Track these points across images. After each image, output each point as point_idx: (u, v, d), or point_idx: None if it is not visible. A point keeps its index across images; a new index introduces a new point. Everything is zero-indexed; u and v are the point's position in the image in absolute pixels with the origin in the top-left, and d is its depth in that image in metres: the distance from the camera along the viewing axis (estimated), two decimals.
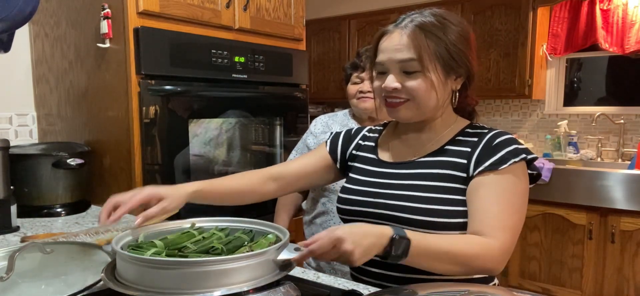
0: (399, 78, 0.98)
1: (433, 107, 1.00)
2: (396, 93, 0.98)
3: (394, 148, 1.11)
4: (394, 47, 0.98)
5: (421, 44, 0.95)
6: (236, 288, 0.76)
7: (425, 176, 1.00)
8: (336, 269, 1.58)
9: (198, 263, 0.76)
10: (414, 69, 0.96)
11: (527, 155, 0.96)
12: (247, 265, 0.77)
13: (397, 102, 0.99)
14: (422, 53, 0.95)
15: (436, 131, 1.05)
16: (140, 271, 0.77)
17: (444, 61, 0.96)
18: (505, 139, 0.98)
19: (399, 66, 0.97)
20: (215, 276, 0.75)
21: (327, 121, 1.73)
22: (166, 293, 0.74)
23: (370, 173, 1.10)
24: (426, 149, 1.04)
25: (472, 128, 1.05)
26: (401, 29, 0.98)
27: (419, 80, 0.96)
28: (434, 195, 0.97)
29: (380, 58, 1.01)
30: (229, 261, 0.76)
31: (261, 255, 0.79)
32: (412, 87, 0.97)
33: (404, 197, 0.99)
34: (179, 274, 0.75)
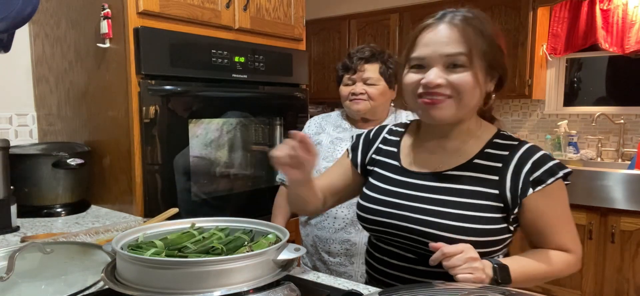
0: (443, 72, 0.92)
1: (473, 106, 0.96)
2: (437, 89, 0.92)
3: (417, 156, 1.06)
4: (440, 40, 0.92)
5: (471, 38, 0.91)
6: (236, 288, 0.76)
7: (455, 191, 0.96)
8: (332, 269, 1.58)
9: (198, 263, 0.76)
10: (461, 64, 0.91)
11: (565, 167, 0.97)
12: (247, 264, 0.77)
13: (438, 100, 0.93)
14: (472, 48, 0.91)
15: (462, 139, 1.01)
16: (140, 271, 0.77)
17: (487, 60, 0.93)
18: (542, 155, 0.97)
19: (445, 60, 0.92)
20: (215, 276, 0.75)
21: (320, 122, 1.73)
22: (166, 293, 0.74)
23: (393, 181, 1.05)
24: (454, 161, 1.00)
25: (500, 139, 1.01)
26: (448, 22, 0.93)
27: (466, 75, 0.91)
28: (463, 212, 0.93)
29: (422, 52, 0.94)
30: (229, 261, 0.76)
31: (261, 255, 0.79)
32: (457, 82, 0.91)
33: (430, 212, 0.95)
34: (179, 274, 0.75)
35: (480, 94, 0.96)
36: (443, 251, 0.86)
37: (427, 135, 1.05)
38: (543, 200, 0.94)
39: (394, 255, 1.03)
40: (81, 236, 1.32)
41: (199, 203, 1.91)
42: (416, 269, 1.00)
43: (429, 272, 0.96)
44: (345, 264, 1.56)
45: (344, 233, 1.53)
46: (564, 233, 0.97)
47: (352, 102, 1.59)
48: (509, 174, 0.95)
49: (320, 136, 1.67)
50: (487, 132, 1.02)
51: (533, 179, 0.94)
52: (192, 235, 0.94)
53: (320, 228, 1.58)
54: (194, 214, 1.76)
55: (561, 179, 0.95)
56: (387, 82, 1.59)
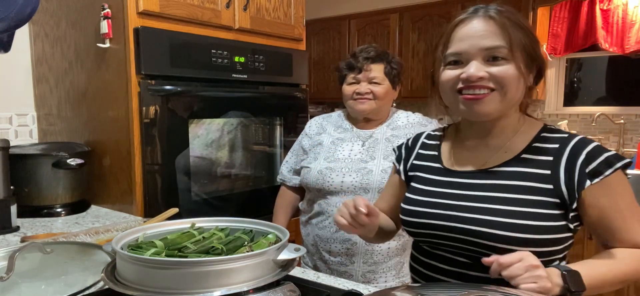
0: (484, 66, 0.90)
1: (516, 99, 0.93)
2: (480, 82, 0.90)
3: (459, 156, 1.02)
4: (478, 33, 0.90)
5: (510, 31, 0.89)
6: (236, 288, 0.76)
7: (505, 187, 0.92)
8: (332, 269, 1.58)
9: (198, 263, 0.76)
10: (502, 56, 0.89)
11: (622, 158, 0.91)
12: (247, 264, 0.77)
13: (482, 95, 0.90)
14: (512, 40, 0.89)
15: (505, 135, 0.97)
16: (140, 271, 0.77)
17: (527, 52, 0.91)
18: (596, 145, 0.91)
19: (485, 53, 0.90)
20: (215, 276, 0.75)
21: (321, 122, 1.72)
22: (166, 293, 0.74)
23: (437, 182, 1.01)
24: (499, 157, 0.96)
25: (548, 132, 0.97)
26: (483, 16, 0.92)
27: (508, 66, 0.89)
28: (517, 209, 0.89)
29: (459, 46, 0.92)
30: (229, 261, 0.76)
31: (261, 255, 0.79)
32: (500, 74, 0.89)
33: (481, 210, 0.91)
34: (179, 274, 0.75)
35: (524, 86, 0.93)
36: (499, 261, 0.79)
37: (467, 134, 1.02)
38: (604, 193, 0.88)
39: (444, 260, 0.98)
40: (81, 236, 1.32)
41: (200, 203, 1.91)
42: (470, 275, 0.94)
43: (484, 278, 0.89)
44: (346, 263, 1.56)
45: (345, 233, 1.53)
46: (633, 227, 0.89)
47: (356, 101, 1.59)
48: (562, 167, 0.90)
49: (322, 136, 1.67)
50: (533, 128, 0.98)
51: (589, 171, 0.88)
52: (192, 235, 0.94)
53: (321, 228, 1.58)
54: (194, 214, 1.76)
55: (620, 170, 0.89)
56: (391, 82, 1.59)
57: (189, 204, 1.85)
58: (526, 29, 0.92)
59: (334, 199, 1.54)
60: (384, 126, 1.62)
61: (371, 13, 3.99)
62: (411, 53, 3.83)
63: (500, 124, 0.96)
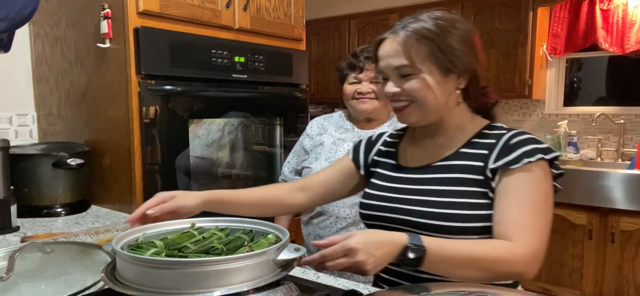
0: (398, 82, 1.00)
1: (435, 106, 0.99)
2: (397, 97, 1.00)
3: (412, 153, 1.11)
4: (387, 54, 1.01)
5: (411, 48, 0.97)
6: (236, 288, 0.76)
7: (442, 180, 1.00)
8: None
9: (198, 263, 0.76)
10: (409, 73, 0.98)
11: (545, 154, 0.93)
12: (247, 265, 0.77)
13: (402, 107, 1.01)
14: (412, 57, 0.97)
15: (451, 133, 1.05)
16: (140, 271, 0.77)
17: (439, 62, 0.97)
18: (523, 139, 0.95)
19: (396, 71, 1.00)
20: (215, 276, 0.75)
21: (322, 123, 1.72)
22: (166, 293, 0.74)
23: (391, 178, 1.09)
24: (442, 153, 1.04)
25: (490, 129, 1.03)
26: (393, 35, 1.00)
27: (414, 81, 0.98)
28: (451, 199, 0.96)
29: (380, 66, 1.03)
30: (229, 261, 0.76)
31: (261, 255, 0.79)
32: (409, 89, 0.98)
33: (422, 202, 0.99)
34: (179, 274, 0.75)
35: (439, 94, 0.98)
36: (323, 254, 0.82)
37: (421, 133, 1.10)
38: (509, 178, 0.92)
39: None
40: (81, 236, 1.32)
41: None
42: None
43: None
44: None
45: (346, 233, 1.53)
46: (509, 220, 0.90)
47: (358, 101, 1.58)
48: (492, 158, 0.96)
49: (323, 137, 1.67)
50: (478, 126, 1.05)
51: (510, 159, 0.93)
52: (192, 235, 0.94)
53: (322, 228, 1.58)
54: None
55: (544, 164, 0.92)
56: None
57: None
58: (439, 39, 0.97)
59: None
60: (385, 126, 1.61)
61: (371, 13, 3.99)
62: None
63: (442, 124, 1.04)
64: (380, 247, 0.82)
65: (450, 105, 1.02)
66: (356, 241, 0.80)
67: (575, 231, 2.93)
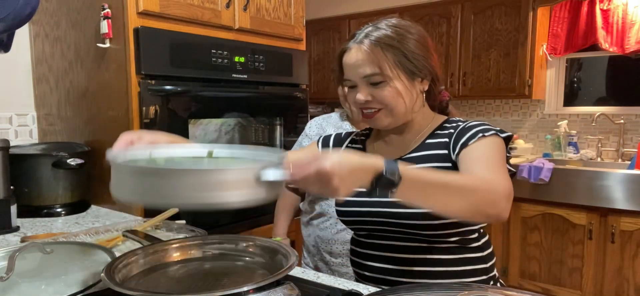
0: (368, 90, 1.03)
1: (405, 111, 1.04)
2: (368, 105, 1.04)
3: (380, 150, 1.15)
4: (355, 63, 1.03)
5: (379, 57, 1.00)
6: (236, 288, 0.76)
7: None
8: (333, 269, 1.58)
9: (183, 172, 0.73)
10: (379, 80, 1.01)
11: (499, 133, 0.99)
12: (234, 179, 0.73)
13: (372, 113, 1.04)
14: (382, 65, 1.00)
15: (416, 129, 1.10)
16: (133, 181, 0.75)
17: (405, 68, 1.02)
18: (477, 122, 1.03)
19: (365, 80, 1.02)
20: (200, 186, 0.71)
21: (321, 123, 1.72)
22: (154, 200, 0.72)
23: None
24: (409, 147, 1.09)
25: (448, 123, 1.10)
26: (358, 45, 1.03)
27: (386, 89, 1.01)
28: None
29: (347, 74, 1.06)
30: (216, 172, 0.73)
31: (245, 171, 0.75)
32: (381, 96, 1.02)
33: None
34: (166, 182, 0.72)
35: (408, 98, 1.03)
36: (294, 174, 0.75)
37: (386, 131, 1.14)
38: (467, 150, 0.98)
39: (376, 247, 1.09)
40: (81, 236, 1.32)
41: None
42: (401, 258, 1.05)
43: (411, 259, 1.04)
44: (347, 264, 1.55)
45: (346, 234, 1.53)
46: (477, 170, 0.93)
47: None
48: (451, 144, 1.03)
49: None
50: (438, 121, 1.12)
51: (462, 142, 0.99)
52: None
53: (322, 229, 1.58)
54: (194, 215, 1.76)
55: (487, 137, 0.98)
56: None
57: None
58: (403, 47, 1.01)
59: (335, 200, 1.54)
60: None
61: (371, 13, 3.99)
62: None
63: (409, 123, 1.09)
64: (354, 173, 0.76)
65: (416, 108, 1.07)
66: (331, 164, 0.72)
67: (575, 231, 2.93)
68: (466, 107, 4.00)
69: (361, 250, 1.13)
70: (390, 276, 1.07)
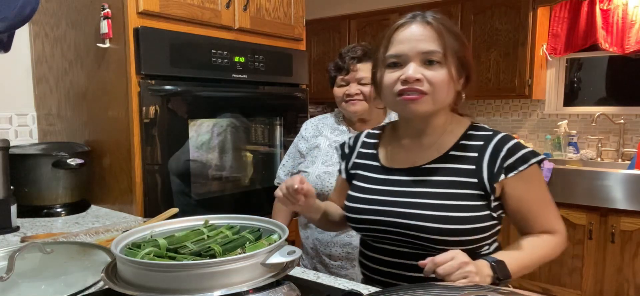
0: (420, 68, 0.96)
1: (442, 102, 1.00)
2: (416, 84, 0.96)
3: (395, 153, 1.10)
4: (416, 37, 0.97)
5: (445, 37, 0.97)
6: (236, 288, 0.76)
7: (435, 183, 1.00)
8: (333, 272, 1.57)
9: (185, 266, 0.76)
10: (437, 60, 0.96)
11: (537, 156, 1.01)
12: (238, 267, 0.77)
13: (415, 96, 0.97)
14: (446, 46, 0.96)
15: (436, 134, 1.05)
16: (134, 272, 0.78)
17: (458, 60, 0.99)
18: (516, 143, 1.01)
19: (422, 56, 0.96)
20: (207, 278, 0.75)
21: (317, 124, 1.70)
22: (162, 293, 0.75)
23: (375, 180, 1.09)
24: (429, 155, 1.04)
25: (474, 130, 1.05)
26: (421, 21, 0.98)
27: (441, 71, 0.96)
28: (444, 202, 0.97)
29: (399, 48, 0.98)
30: (218, 264, 0.76)
31: (251, 257, 0.78)
32: (433, 78, 0.96)
33: (415, 205, 0.99)
34: (170, 276, 0.75)
35: (454, 90, 1.01)
36: (434, 261, 0.86)
37: (403, 133, 1.10)
38: (520, 185, 0.99)
39: (386, 252, 1.06)
40: (81, 236, 1.32)
41: (200, 203, 1.91)
42: (409, 264, 1.02)
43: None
44: (347, 267, 1.55)
45: (346, 237, 1.53)
46: (545, 214, 1.02)
47: (348, 103, 1.56)
48: (485, 161, 0.99)
49: (318, 139, 1.65)
50: (461, 126, 1.07)
51: (507, 166, 0.98)
52: (200, 233, 0.94)
53: (321, 232, 1.57)
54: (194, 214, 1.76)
55: (536, 165, 1.00)
56: None
57: (188, 205, 1.85)
58: (459, 36, 1.00)
59: None
60: None
61: (371, 13, 3.99)
62: None
63: (432, 123, 1.04)
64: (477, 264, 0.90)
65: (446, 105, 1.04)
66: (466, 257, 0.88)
67: (575, 231, 2.93)
68: (466, 107, 3.99)
69: (369, 253, 1.11)
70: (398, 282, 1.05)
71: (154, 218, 1.43)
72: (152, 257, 0.83)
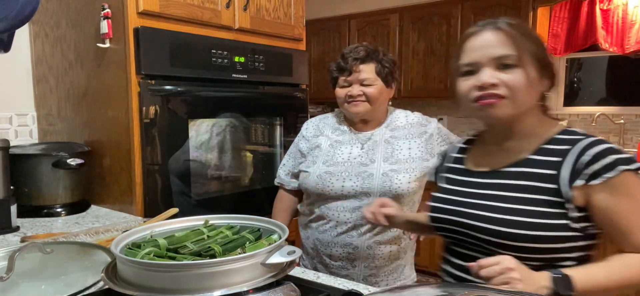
0: (495, 74, 0.95)
1: (524, 104, 0.97)
2: (493, 89, 0.95)
3: (480, 158, 1.10)
4: (488, 44, 0.97)
5: (517, 40, 0.95)
6: (236, 288, 0.76)
7: (508, 187, 0.98)
8: (333, 272, 1.57)
9: (185, 266, 0.76)
10: (511, 63, 0.95)
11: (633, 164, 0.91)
12: (238, 267, 0.77)
13: (494, 100, 0.96)
14: (521, 48, 0.95)
15: (521, 137, 1.02)
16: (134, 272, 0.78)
17: (538, 60, 0.97)
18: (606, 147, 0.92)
19: (495, 61, 0.96)
20: (207, 278, 0.75)
21: (318, 124, 1.70)
22: (161, 293, 0.75)
23: (457, 182, 1.10)
24: (509, 158, 1.02)
25: (564, 134, 1.00)
26: (493, 28, 0.98)
27: (518, 73, 0.94)
28: (516, 206, 0.94)
29: (472, 56, 0.98)
30: (218, 264, 0.76)
31: (250, 257, 0.78)
32: (510, 81, 0.94)
33: (487, 207, 0.98)
34: (170, 276, 0.75)
35: (534, 93, 0.98)
36: (479, 263, 0.86)
37: (490, 138, 1.08)
38: (607, 196, 0.90)
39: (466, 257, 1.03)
40: (81, 236, 1.32)
41: (199, 203, 1.91)
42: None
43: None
44: (347, 267, 1.55)
45: (346, 237, 1.52)
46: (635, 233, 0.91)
47: (350, 104, 1.56)
48: (566, 167, 0.93)
49: (319, 139, 1.64)
50: (550, 130, 1.02)
51: (591, 172, 0.90)
52: (200, 233, 0.94)
53: (322, 232, 1.57)
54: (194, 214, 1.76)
55: (631, 173, 0.90)
56: (384, 81, 1.55)
57: (188, 205, 1.85)
58: (535, 38, 0.99)
59: (335, 203, 1.52)
60: (383, 127, 1.60)
61: (371, 13, 3.99)
62: (411, 53, 3.83)
63: (516, 127, 1.01)
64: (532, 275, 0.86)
65: (533, 108, 1.01)
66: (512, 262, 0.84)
67: None
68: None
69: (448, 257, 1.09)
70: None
71: (154, 218, 1.43)
72: (152, 257, 0.83)
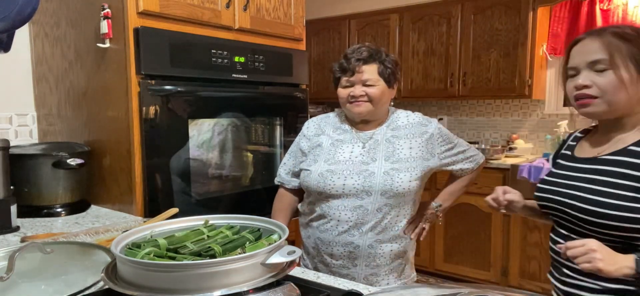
0: (589, 76, 1.09)
1: (624, 103, 1.07)
2: (586, 90, 1.09)
3: (587, 146, 1.22)
4: (585, 50, 1.10)
5: (613, 45, 1.06)
6: (236, 288, 0.76)
7: (606, 173, 1.09)
8: (334, 271, 1.57)
9: (185, 266, 0.76)
10: (603, 68, 1.06)
11: None
12: (238, 267, 0.77)
13: (587, 101, 1.10)
14: (613, 52, 1.05)
15: (627, 130, 1.12)
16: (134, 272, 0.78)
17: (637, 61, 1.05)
18: None
19: (590, 65, 1.08)
20: (207, 278, 0.75)
21: (319, 123, 1.70)
22: (161, 293, 0.75)
23: (564, 167, 1.23)
24: (611, 148, 1.13)
25: None
26: (593, 36, 1.10)
27: (608, 76, 1.06)
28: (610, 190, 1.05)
29: (573, 62, 1.13)
30: (218, 264, 0.76)
31: (250, 257, 0.78)
32: (601, 83, 1.07)
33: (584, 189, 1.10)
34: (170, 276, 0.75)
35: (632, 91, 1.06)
36: (567, 244, 1.00)
37: (600, 129, 1.20)
38: None
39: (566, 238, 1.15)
40: (81, 236, 1.33)
41: (200, 203, 1.91)
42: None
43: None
44: (348, 266, 1.55)
45: (348, 236, 1.52)
46: None
47: (352, 105, 1.56)
48: None
49: (321, 138, 1.65)
50: None
51: None
52: (200, 233, 0.94)
53: (323, 231, 1.57)
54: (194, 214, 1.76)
55: None
56: (386, 81, 1.56)
57: (188, 205, 1.85)
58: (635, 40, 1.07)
59: (336, 202, 1.52)
60: (384, 126, 1.60)
61: (371, 13, 3.99)
62: (411, 53, 3.83)
63: (621, 122, 1.13)
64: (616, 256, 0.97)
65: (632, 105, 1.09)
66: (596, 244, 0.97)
67: None
68: (466, 107, 4.00)
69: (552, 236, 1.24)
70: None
71: (154, 218, 1.43)
72: (152, 257, 0.83)
